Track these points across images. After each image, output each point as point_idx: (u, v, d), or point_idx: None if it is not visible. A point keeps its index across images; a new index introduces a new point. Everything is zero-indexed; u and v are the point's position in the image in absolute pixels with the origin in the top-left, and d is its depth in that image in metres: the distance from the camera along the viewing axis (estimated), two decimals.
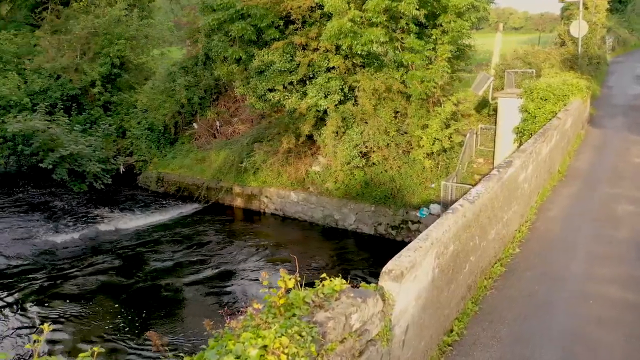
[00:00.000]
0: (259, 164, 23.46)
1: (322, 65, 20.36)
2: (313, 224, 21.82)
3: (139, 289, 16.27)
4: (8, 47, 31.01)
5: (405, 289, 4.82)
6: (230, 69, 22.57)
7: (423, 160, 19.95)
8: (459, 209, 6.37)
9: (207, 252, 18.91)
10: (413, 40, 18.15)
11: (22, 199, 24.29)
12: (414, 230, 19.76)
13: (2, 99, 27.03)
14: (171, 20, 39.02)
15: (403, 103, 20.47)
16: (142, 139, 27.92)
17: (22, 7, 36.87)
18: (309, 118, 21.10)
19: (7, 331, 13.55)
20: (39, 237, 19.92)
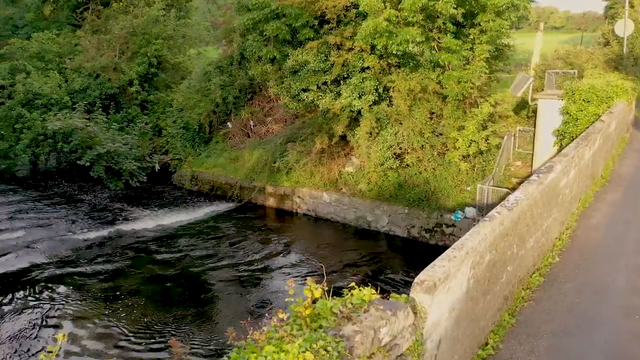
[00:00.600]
0: (292, 164, 23.40)
1: (356, 65, 20.13)
2: (345, 225, 21.62)
3: (171, 287, 16.39)
4: (50, 47, 31.81)
5: (438, 301, 4.59)
6: (265, 69, 22.57)
7: (459, 163, 19.52)
8: (496, 216, 6.08)
9: (238, 252, 18.93)
10: (450, 40, 17.74)
11: (59, 195, 24.84)
12: (448, 233, 19.39)
13: (43, 97, 27.75)
14: (208, 20, 39.41)
15: (439, 104, 20.07)
16: (177, 138, 28.24)
17: (64, 8, 37.78)
18: (343, 118, 20.90)
19: (38, 327, 13.78)
20: (75, 233, 20.31)
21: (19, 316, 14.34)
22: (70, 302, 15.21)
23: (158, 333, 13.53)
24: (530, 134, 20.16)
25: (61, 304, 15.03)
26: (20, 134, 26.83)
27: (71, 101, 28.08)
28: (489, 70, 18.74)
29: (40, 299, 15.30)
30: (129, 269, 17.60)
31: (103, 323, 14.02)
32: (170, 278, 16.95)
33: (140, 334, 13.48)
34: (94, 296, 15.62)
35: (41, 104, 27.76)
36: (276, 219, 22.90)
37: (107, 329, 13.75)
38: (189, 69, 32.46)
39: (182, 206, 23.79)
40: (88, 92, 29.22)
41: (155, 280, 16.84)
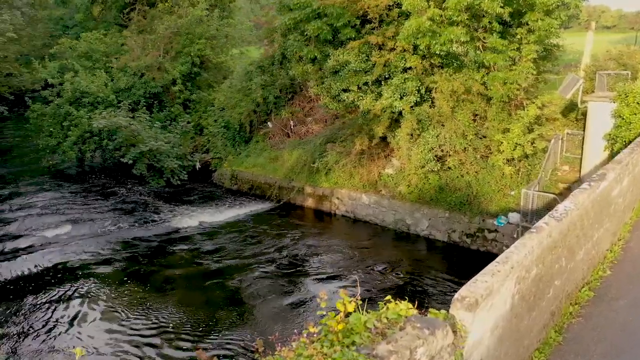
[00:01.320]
0: (331, 164, 23.21)
1: (398, 65, 19.77)
2: (384, 227, 21.29)
3: (207, 285, 16.47)
4: (98, 47, 32.61)
5: (480, 318, 4.31)
6: (305, 69, 22.44)
7: (503, 166, 18.93)
8: (544, 227, 5.73)
9: (275, 252, 18.87)
10: (496, 39, 17.20)
11: (103, 191, 25.37)
12: (490, 239, 18.84)
13: (90, 96, 28.46)
14: (250, 20, 39.66)
15: (483, 105, 19.52)
16: (218, 137, 28.46)
17: (112, 8, 38.74)
18: (384, 119, 20.57)
19: (76, 325, 14.05)
20: (117, 229, 20.69)
21: (58, 309, 14.68)
22: (109, 297, 15.47)
23: (192, 332, 13.59)
24: (579, 138, 19.40)
25: (101, 299, 15.31)
26: (67, 131, 27.59)
27: (116, 100, 28.70)
28: (536, 71, 18.10)
29: (80, 293, 15.64)
30: (167, 266, 17.82)
31: (138, 319, 14.20)
32: (208, 276, 17.03)
33: (174, 332, 13.56)
34: (132, 292, 15.85)
35: (88, 102, 28.48)
36: (314, 220, 22.76)
37: (143, 325, 13.91)
38: (230, 68, 32.71)
39: (222, 205, 23.92)
40: (133, 90, 29.80)
41: (192, 278, 16.99)
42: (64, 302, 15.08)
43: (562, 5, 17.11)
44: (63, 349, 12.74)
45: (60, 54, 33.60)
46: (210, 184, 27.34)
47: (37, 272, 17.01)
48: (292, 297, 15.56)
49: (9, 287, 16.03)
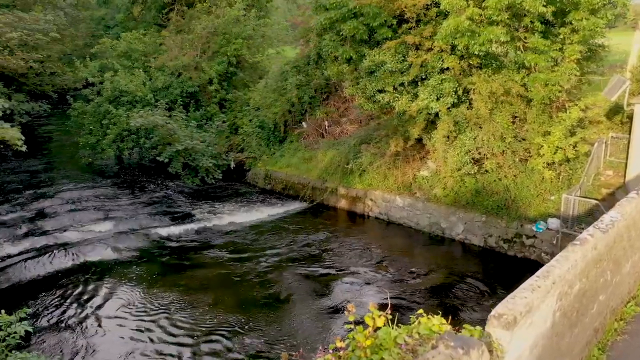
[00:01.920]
0: (365, 165, 22.97)
1: (435, 66, 19.38)
2: (418, 231, 20.94)
3: (238, 285, 16.49)
4: (137, 46, 33.14)
5: (518, 337, 4.06)
6: (341, 69, 22.25)
7: (542, 170, 18.36)
8: (589, 240, 5.41)
9: (308, 253, 18.78)
10: (537, 39, 16.65)
11: (140, 189, 25.75)
12: (528, 245, 18.30)
13: (129, 95, 28.94)
14: (287, 19, 39.69)
15: (522, 107, 18.96)
16: (252, 137, 28.55)
17: (151, 9, 39.33)
18: (419, 121, 20.22)
19: (107, 321, 14.23)
20: (152, 227, 20.94)
21: (90, 305, 14.94)
22: (142, 294, 15.66)
23: (222, 332, 13.62)
24: (624, 142, 18.64)
25: (134, 296, 15.50)
26: (107, 129, 28.14)
27: (154, 99, 29.10)
28: (579, 73, 17.44)
29: (113, 290, 15.89)
30: (201, 265, 17.96)
31: (170, 317, 14.31)
32: (240, 276, 17.06)
33: (205, 331, 13.60)
34: (165, 289, 16.03)
35: (127, 100, 28.98)
36: (347, 222, 22.57)
37: (174, 323, 14.00)
38: (266, 68, 32.78)
39: (255, 205, 23.97)
40: (170, 90, 30.17)
41: (225, 277, 17.05)
42: (97, 298, 15.34)
43: (609, 4, 16.46)
44: (93, 345, 12.90)
45: (101, 54, 34.32)
46: (245, 183, 27.45)
47: (73, 268, 17.37)
48: (323, 300, 15.42)
49: (44, 281, 16.40)
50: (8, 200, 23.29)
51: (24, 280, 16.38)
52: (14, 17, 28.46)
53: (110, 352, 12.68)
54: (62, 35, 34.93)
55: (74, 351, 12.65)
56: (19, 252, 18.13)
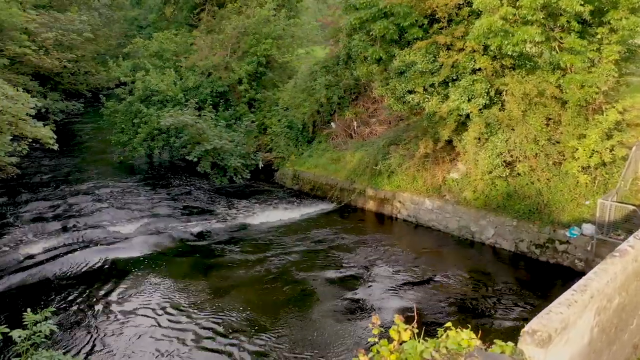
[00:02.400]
0: (394, 167, 22.71)
1: (467, 66, 19.02)
2: (447, 234, 20.60)
3: (264, 285, 16.48)
4: (168, 46, 33.51)
5: (552, 355, 3.84)
6: (370, 69, 22.04)
7: (577, 174, 17.84)
8: (629, 251, 5.13)
9: (334, 255, 18.65)
10: (574, 39, 16.17)
11: (169, 187, 25.98)
12: (561, 251, 17.81)
13: (160, 94, 29.26)
14: (317, 19, 39.64)
15: (557, 109, 18.47)
16: (281, 137, 28.55)
17: (183, 9, 39.78)
18: (450, 122, 19.87)
19: (135, 319, 14.34)
20: (179, 226, 21.09)
21: (118, 302, 15.08)
22: (170, 292, 15.78)
23: (248, 331, 13.59)
24: None
25: (162, 294, 15.63)
26: (138, 128, 28.50)
27: (184, 98, 29.35)
28: (617, 74, 16.89)
29: (142, 288, 16.03)
30: (228, 264, 18.00)
31: (196, 315, 14.39)
32: (266, 276, 17.07)
33: (231, 330, 13.60)
34: (193, 288, 16.16)
35: (158, 100, 29.31)
36: (375, 223, 22.35)
37: (200, 321, 14.06)
38: (296, 68, 32.76)
39: (283, 205, 23.94)
40: (200, 89, 30.40)
41: (251, 277, 17.07)
42: (123, 297, 15.49)
43: None
44: (118, 344, 13.01)
45: (133, 53, 34.83)
46: (272, 183, 27.45)
47: (100, 265, 17.59)
48: (348, 303, 15.27)
49: (71, 279, 16.64)
50: (39, 196, 23.76)
51: (51, 277, 16.64)
52: (50, 18, 29.11)
53: (134, 352, 12.78)
54: (96, 35, 35.64)
55: (98, 349, 12.78)
56: (47, 249, 18.46)
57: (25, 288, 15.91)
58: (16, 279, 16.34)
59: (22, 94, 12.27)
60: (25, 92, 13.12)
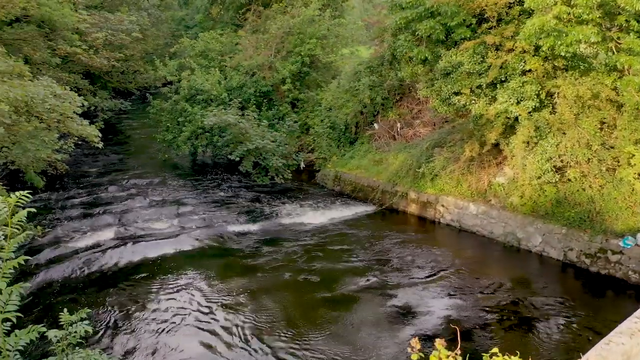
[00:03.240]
0: (437, 170, 22.20)
1: (516, 67, 18.34)
2: (492, 240, 19.96)
3: (301, 287, 16.37)
4: (214, 46, 33.84)
5: None
6: (415, 70, 21.59)
7: (633, 181, 16.93)
8: None
9: (374, 259, 18.33)
10: (633, 40, 15.32)
11: (210, 186, 26.22)
12: (613, 261, 16.94)
13: (204, 93, 29.56)
14: (362, 19, 39.29)
15: (612, 113, 17.60)
16: (323, 137, 28.38)
17: (229, 9, 40.15)
18: (497, 125, 19.23)
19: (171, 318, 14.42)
20: (220, 225, 21.21)
21: (156, 300, 15.20)
22: (208, 290, 15.84)
23: (284, 334, 13.47)
24: None
25: (200, 292, 15.70)
26: (182, 126, 28.89)
27: (228, 97, 29.55)
28: None
29: (180, 285, 16.12)
30: (266, 264, 17.94)
31: (234, 314, 14.35)
32: (303, 277, 16.94)
33: (266, 331, 13.50)
34: (231, 287, 16.19)
35: (202, 99, 29.62)
36: (417, 227, 21.89)
37: (236, 321, 14.01)
38: (340, 68, 32.53)
39: (324, 206, 23.77)
40: (244, 89, 30.55)
41: (289, 278, 16.96)
42: (160, 295, 15.62)
43: None
44: (154, 344, 13.08)
45: (179, 53, 35.34)
46: (314, 184, 27.33)
47: (140, 262, 17.81)
48: (386, 311, 14.91)
49: (110, 275, 16.90)
50: (84, 192, 24.41)
51: (92, 272, 16.95)
52: (101, 18, 29.85)
53: (171, 351, 12.83)
54: (144, 35, 36.36)
55: (135, 349, 12.87)
56: (90, 245, 18.85)
57: (67, 282, 16.26)
58: (58, 273, 16.72)
59: (69, 92, 12.50)
60: (73, 91, 13.33)
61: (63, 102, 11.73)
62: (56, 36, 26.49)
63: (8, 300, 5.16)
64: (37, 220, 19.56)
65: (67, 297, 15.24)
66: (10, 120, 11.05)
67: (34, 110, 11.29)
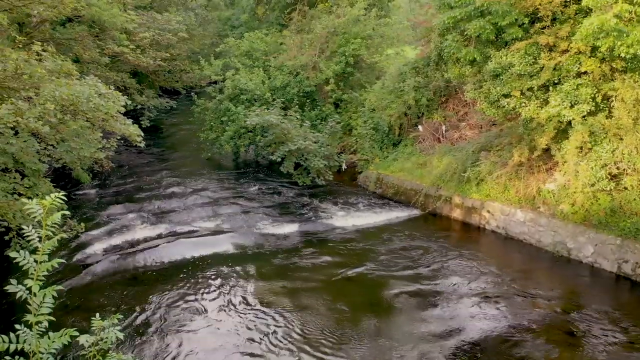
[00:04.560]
0: (484, 174, 21.49)
1: (571, 69, 17.50)
2: (540, 249, 19.16)
3: (341, 291, 16.08)
4: (259, 46, 33.91)
5: None
6: (463, 71, 20.96)
7: None
8: None
9: (415, 265, 17.85)
10: None
11: (251, 186, 26.19)
12: None
13: (248, 93, 29.63)
14: (409, 19, 38.67)
15: None
16: (366, 138, 27.99)
17: (275, 9, 40.21)
18: (548, 129, 18.42)
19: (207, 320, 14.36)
20: (260, 225, 21.13)
21: (202, 301, 15.15)
22: (246, 294, 15.71)
23: (318, 339, 13.20)
24: None
25: (238, 296, 15.60)
26: (226, 126, 29.04)
27: (272, 97, 29.53)
28: None
29: (219, 288, 16.07)
30: (306, 266, 17.77)
31: (270, 317, 14.24)
32: (343, 281, 16.69)
33: (302, 335, 13.26)
34: (269, 288, 16.07)
35: (246, 99, 29.70)
36: (461, 233, 21.26)
37: (274, 326, 13.86)
38: (384, 68, 32.07)
39: (365, 208, 23.41)
40: (287, 89, 30.48)
41: (328, 281, 16.73)
42: (204, 294, 15.60)
43: None
44: (190, 348, 13.01)
45: (225, 52, 35.59)
46: (355, 186, 26.97)
47: (179, 262, 17.84)
48: (425, 320, 14.39)
49: (148, 275, 16.96)
50: (127, 190, 24.79)
51: (128, 272, 17.04)
52: (149, 18, 30.33)
53: (210, 354, 12.74)
54: (191, 35, 36.80)
55: (169, 352, 12.80)
56: (131, 241, 19.07)
57: (105, 280, 16.39)
58: (97, 271, 16.92)
59: (113, 92, 12.59)
60: (118, 90, 13.44)
61: (107, 101, 11.82)
62: (105, 36, 27.06)
63: (42, 303, 5.11)
64: (80, 216, 19.96)
65: (104, 295, 15.38)
66: (56, 119, 11.18)
67: (79, 109, 11.40)
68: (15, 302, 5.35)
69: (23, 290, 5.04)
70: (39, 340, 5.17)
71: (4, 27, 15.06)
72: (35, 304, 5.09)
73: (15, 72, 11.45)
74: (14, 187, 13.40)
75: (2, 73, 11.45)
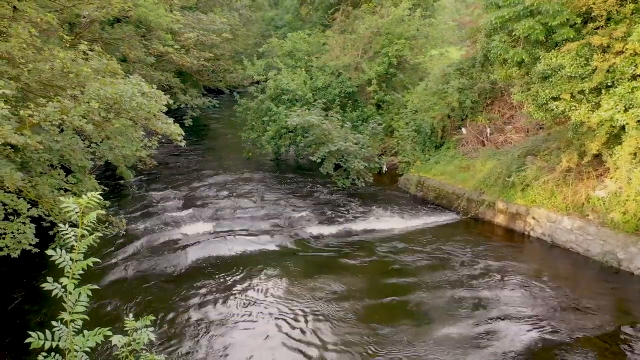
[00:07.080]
0: (529, 180, 20.80)
1: (625, 71, 16.69)
2: (587, 258, 18.38)
3: (377, 296, 15.78)
4: (301, 46, 33.90)
5: None
6: (510, 73, 20.31)
7: None
8: None
9: (455, 271, 17.39)
10: None
11: (291, 186, 26.23)
12: None
13: (290, 93, 29.64)
14: (454, 19, 37.95)
15: None
16: (407, 141, 27.59)
17: (318, 9, 40.21)
18: (600, 134, 17.65)
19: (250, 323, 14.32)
20: (298, 226, 21.06)
21: (238, 302, 15.16)
22: (281, 296, 15.62)
23: (356, 345, 12.97)
24: None
25: (270, 295, 15.55)
26: (267, 126, 29.13)
27: (313, 98, 29.44)
28: None
29: (261, 287, 16.04)
30: (344, 269, 17.55)
31: (302, 320, 14.07)
32: (381, 285, 16.44)
33: (340, 341, 13.07)
34: (303, 290, 15.92)
35: (287, 99, 29.72)
36: (504, 239, 20.61)
37: (307, 329, 13.70)
38: (428, 70, 31.54)
39: (405, 212, 23.03)
40: (329, 90, 30.33)
41: (366, 285, 16.47)
42: (241, 294, 15.60)
43: None
44: (223, 349, 12.98)
45: (267, 52, 35.75)
46: (395, 188, 26.59)
47: (215, 261, 17.91)
48: (463, 330, 13.95)
49: (183, 273, 17.04)
50: (170, 187, 25.16)
51: (167, 270, 17.19)
52: (193, 19, 30.75)
53: (250, 355, 12.71)
54: (234, 35, 37.15)
55: (202, 353, 12.80)
56: (168, 241, 19.25)
57: (144, 277, 16.59)
58: (136, 268, 17.14)
59: (156, 91, 12.72)
60: (160, 90, 13.59)
61: (149, 100, 11.94)
62: (151, 36, 27.56)
63: (77, 301, 5.13)
64: (122, 213, 20.34)
65: (143, 293, 15.55)
66: (100, 117, 11.36)
67: (122, 107, 11.56)
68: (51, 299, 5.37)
69: (59, 288, 5.06)
70: (74, 338, 5.20)
71: (54, 27, 15.41)
72: (70, 302, 5.11)
73: (62, 70, 11.73)
74: (59, 183, 13.73)
75: (50, 72, 11.76)
